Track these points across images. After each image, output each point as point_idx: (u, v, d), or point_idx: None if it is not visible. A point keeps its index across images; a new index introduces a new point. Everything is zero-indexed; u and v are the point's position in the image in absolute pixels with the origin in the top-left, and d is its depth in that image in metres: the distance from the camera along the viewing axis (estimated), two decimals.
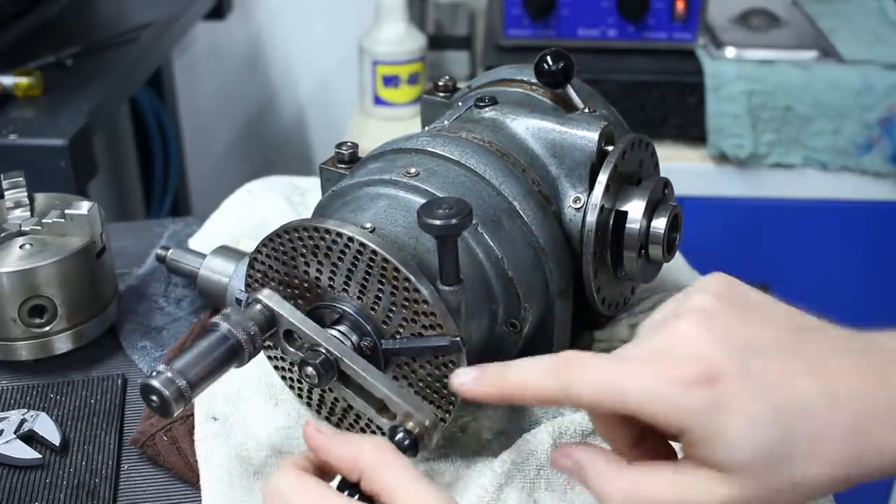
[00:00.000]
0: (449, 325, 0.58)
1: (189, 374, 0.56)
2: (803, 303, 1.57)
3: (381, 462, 0.50)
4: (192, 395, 0.56)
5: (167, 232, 1.00)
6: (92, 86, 1.33)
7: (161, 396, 0.55)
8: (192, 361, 0.57)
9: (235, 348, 0.58)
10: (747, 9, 1.70)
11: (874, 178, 1.53)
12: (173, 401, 0.55)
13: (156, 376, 0.55)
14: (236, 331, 0.58)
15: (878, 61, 1.53)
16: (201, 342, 0.58)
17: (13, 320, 0.76)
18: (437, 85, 0.81)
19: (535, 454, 0.64)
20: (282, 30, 2.14)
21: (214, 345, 0.58)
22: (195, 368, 0.57)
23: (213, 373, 0.58)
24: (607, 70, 1.53)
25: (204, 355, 0.57)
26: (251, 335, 0.59)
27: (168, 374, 0.55)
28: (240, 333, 0.58)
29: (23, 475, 0.68)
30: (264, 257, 0.64)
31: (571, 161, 0.70)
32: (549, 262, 0.67)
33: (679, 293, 0.51)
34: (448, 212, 0.56)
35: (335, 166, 0.73)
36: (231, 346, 0.58)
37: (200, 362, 0.57)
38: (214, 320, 0.59)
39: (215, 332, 0.58)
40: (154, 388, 0.55)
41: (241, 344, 0.58)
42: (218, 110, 2.24)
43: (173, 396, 0.55)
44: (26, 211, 0.81)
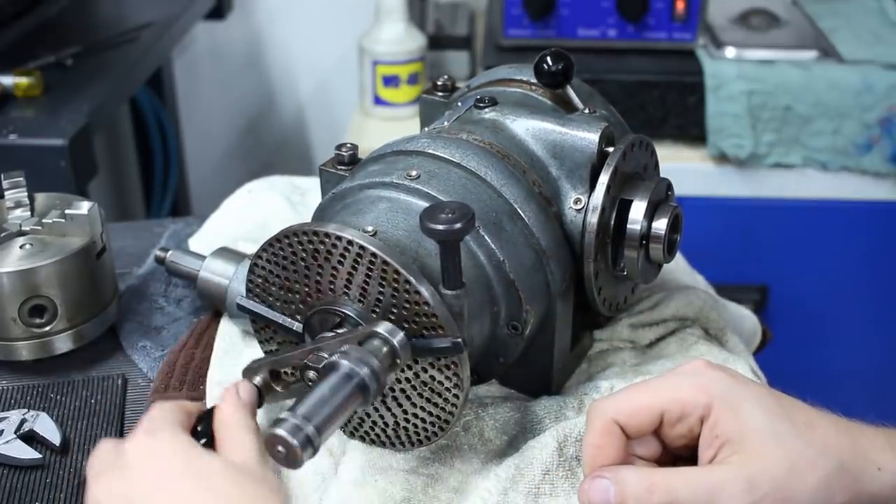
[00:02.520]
0: (451, 328, 0.58)
1: (315, 418, 0.53)
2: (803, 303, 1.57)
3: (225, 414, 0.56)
4: (321, 440, 0.53)
5: (167, 232, 1.00)
6: (92, 86, 1.33)
7: (288, 445, 0.51)
8: (317, 404, 0.54)
9: (361, 386, 0.55)
10: (747, 9, 1.70)
11: (874, 178, 1.53)
12: (301, 449, 0.52)
13: (280, 424, 0.52)
14: (359, 368, 0.55)
15: (878, 61, 1.53)
16: (322, 384, 0.55)
17: (13, 320, 0.76)
18: (436, 84, 0.81)
19: (539, 459, 0.64)
20: (282, 30, 2.14)
21: (338, 385, 0.55)
22: (321, 411, 0.53)
23: (339, 414, 0.54)
24: (607, 70, 1.53)
25: (329, 397, 0.54)
26: (374, 370, 0.56)
27: (293, 420, 0.52)
28: (363, 370, 0.55)
29: (23, 475, 0.68)
30: (265, 262, 0.64)
31: (572, 162, 0.70)
32: (550, 264, 0.67)
33: None
34: (451, 216, 0.56)
35: (335, 168, 0.72)
36: (357, 385, 0.55)
37: (326, 404, 0.54)
38: (333, 359, 0.56)
39: (336, 371, 0.55)
40: (280, 437, 0.51)
41: (365, 381, 0.55)
42: (218, 110, 2.24)
43: (301, 444, 0.52)
44: (26, 211, 0.81)
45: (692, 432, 0.56)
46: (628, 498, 0.54)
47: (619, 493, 0.54)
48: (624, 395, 0.58)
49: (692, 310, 0.80)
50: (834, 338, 1.65)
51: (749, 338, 0.86)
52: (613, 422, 0.57)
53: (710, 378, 0.56)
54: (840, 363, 1.65)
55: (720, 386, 0.55)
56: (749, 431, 0.54)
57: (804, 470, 0.53)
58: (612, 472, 0.55)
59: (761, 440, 0.53)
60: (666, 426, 0.57)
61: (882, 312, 1.64)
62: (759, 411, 0.54)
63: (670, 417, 0.56)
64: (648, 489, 0.53)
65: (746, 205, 1.56)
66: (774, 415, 0.54)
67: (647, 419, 0.56)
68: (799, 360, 1.60)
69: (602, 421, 0.57)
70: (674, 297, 0.81)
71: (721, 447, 0.54)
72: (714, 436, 0.54)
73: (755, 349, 0.87)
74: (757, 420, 0.54)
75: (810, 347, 1.64)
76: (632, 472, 0.55)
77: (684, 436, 0.57)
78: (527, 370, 0.72)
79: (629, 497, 0.54)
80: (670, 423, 0.56)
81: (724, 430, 0.54)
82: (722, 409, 0.54)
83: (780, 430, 0.54)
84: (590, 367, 0.77)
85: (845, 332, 1.65)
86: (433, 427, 0.64)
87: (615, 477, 0.54)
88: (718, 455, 0.54)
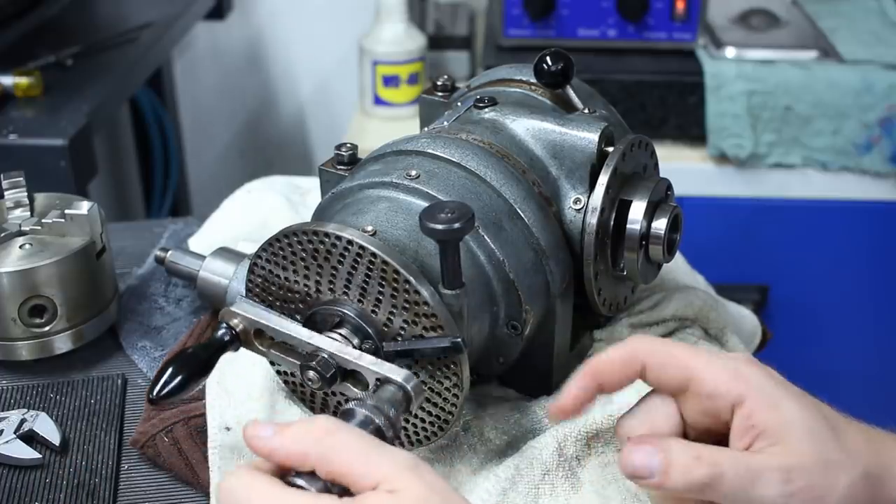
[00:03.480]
0: (450, 328, 0.58)
1: None
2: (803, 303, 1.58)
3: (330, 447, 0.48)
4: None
5: (167, 232, 1.00)
6: (92, 86, 1.33)
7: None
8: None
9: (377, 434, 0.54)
10: (747, 9, 1.70)
11: (874, 178, 1.53)
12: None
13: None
14: (375, 416, 0.55)
15: (878, 61, 1.53)
16: None
17: (13, 320, 0.76)
18: (436, 84, 0.81)
19: (539, 459, 0.64)
20: (282, 30, 2.14)
21: None
22: None
23: None
24: (607, 70, 1.53)
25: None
26: (390, 418, 0.55)
27: None
28: (379, 418, 0.55)
29: (23, 475, 0.68)
30: (264, 262, 0.64)
31: (571, 162, 0.70)
32: (549, 264, 0.67)
33: None
34: (450, 216, 0.56)
35: (334, 168, 0.72)
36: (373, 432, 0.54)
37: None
38: (350, 407, 0.55)
39: (353, 418, 0.55)
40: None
41: (381, 429, 0.55)
42: (218, 110, 2.24)
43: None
44: (26, 211, 0.81)
45: (719, 416, 0.55)
46: (674, 464, 0.53)
47: (665, 459, 0.53)
48: (665, 343, 0.57)
49: (692, 310, 0.80)
50: (834, 338, 1.65)
51: (749, 338, 0.86)
52: (639, 358, 0.56)
53: (750, 369, 0.56)
54: (840, 363, 1.66)
55: (759, 379, 0.55)
56: (787, 425, 0.53)
57: (836, 471, 0.53)
58: (657, 439, 0.54)
59: (799, 436, 0.53)
60: (690, 396, 0.56)
61: (882, 312, 1.64)
62: (797, 407, 0.54)
63: (697, 388, 0.55)
64: (696, 458, 0.53)
65: (746, 205, 1.56)
66: (811, 413, 0.54)
67: (673, 376, 0.56)
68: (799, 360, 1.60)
69: (631, 349, 0.56)
70: (673, 297, 0.81)
71: (757, 437, 0.54)
72: (749, 426, 0.54)
73: (755, 349, 0.87)
74: (795, 415, 0.54)
75: (810, 347, 1.64)
76: (677, 441, 0.55)
77: (709, 415, 0.56)
78: (526, 370, 0.72)
79: (675, 464, 0.53)
80: (695, 395, 0.55)
81: (761, 420, 0.54)
82: (759, 401, 0.54)
83: (816, 428, 0.54)
84: None
85: (845, 332, 1.65)
86: (433, 427, 0.64)
87: (662, 444, 0.54)
88: (754, 445, 0.54)
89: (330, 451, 0.48)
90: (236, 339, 0.63)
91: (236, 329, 0.63)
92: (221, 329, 0.63)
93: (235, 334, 0.63)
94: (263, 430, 0.50)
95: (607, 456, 0.66)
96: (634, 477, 0.54)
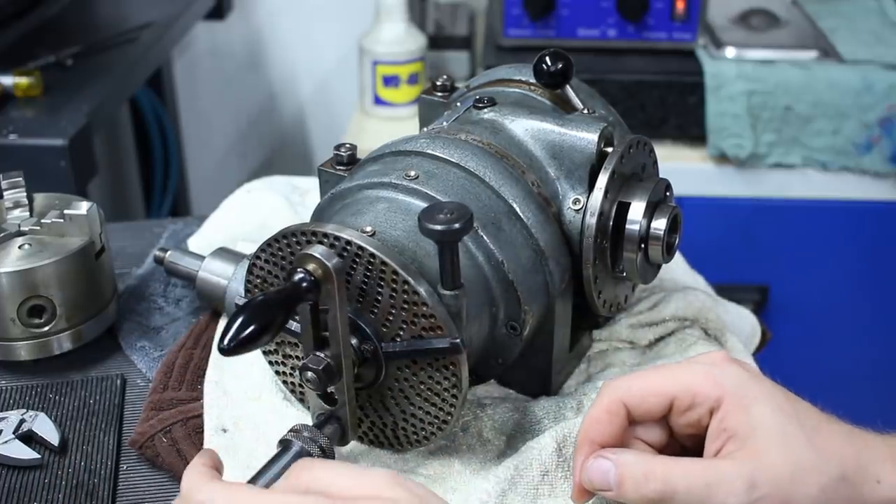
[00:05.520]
0: (449, 328, 0.58)
1: None
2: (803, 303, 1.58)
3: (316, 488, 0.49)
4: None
5: (166, 232, 1.00)
6: (92, 86, 1.33)
7: None
8: (271, 480, 0.57)
9: None
10: (747, 9, 1.70)
11: (874, 178, 1.53)
12: None
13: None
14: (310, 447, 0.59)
15: (878, 61, 1.53)
16: (278, 461, 0.58)
17: (12, 320, 0.76)
18: (435, 85, 0.81)
19: (538, 460, 0.64)
20: (282, 30, 2.14)
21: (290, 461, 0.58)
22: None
23: None
24: (607, 70, 1.53)
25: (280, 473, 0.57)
26: (323, 448, 0.59)
27: None
28: (314, 449, 0.59)
29: (21, 475, 0.68)
30: (263, 262, 0.64)
31: (571, 162, 0.70)
32: (548, 264, 0.67)
33: None
34: (449, 217, 0.56)
35: (334, 168, 0.72)
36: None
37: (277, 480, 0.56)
38: (287, 437, 0.59)
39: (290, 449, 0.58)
40: None
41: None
42: (218, 110, 2.24)
43: None
44: (25, 211, 0.81)
45: (701, 423, 0.56)
46: (626, 481, 0.54)
47: (619, 475, 0.54)
48: (637, 378, 0.58)
49: (691, 310, 0.80)
50: (834, 338, 1.65)
51: (749, 338, 0.86)
52: (621, 402, 0.57)
53: (725, 371, 0.56)
54: (840, 363, 1.65)
55: (734, 380, 0.56)
56: (757, 428, 0.54)
57: (807, 475, 0.52)
58: (614, 453, 0.55)
59: (768, 439, 0.53)
60: (675, 414, 0.57)
61: (882, 312, 1.64)
62: (769, 410, 0.54)
63: (680, 405, 0.56)
64: (646, 475, 0.53)
65: (746, 205, 1.56)
66: (784, 415, 0.54)
67: (656, 404, 0.57)
68: (799, 360, 1.60)
69: (610, 399, 0.57)
70: (673, 297, 0.81)
71: (727, 441, 0.54)
72: (722, 429, 0.55)
73: (755, 349, 0.87)
74: (766, 418, 0.54)
75: (810, 347, 1.64)
76: (633, 456, 0.55)
77: (692, 426, 0.57)
78: (526, 370, 0.72)
79: (627, 480, 0.54)
80: (679, 411, 0.57)
81: (732, 424, 0.54)
82: (732, 404, 0.55)
83: (788, 431, 0.54)
84: (589, 368, 0.77)
85: (845, 332, 1.65)
86: (431, 427, 0.63)
87: (617, 459, 0.55)
88: (724, 449, 0.54)
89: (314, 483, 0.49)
90: (315, 288, 0.57)
91: (315, 275, 0.57)
92: (298, 274, 0.57)
93: (314, 281, 0.57)
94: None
95: None
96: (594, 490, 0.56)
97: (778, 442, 0.53)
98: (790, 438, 0.53)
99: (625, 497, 0.54)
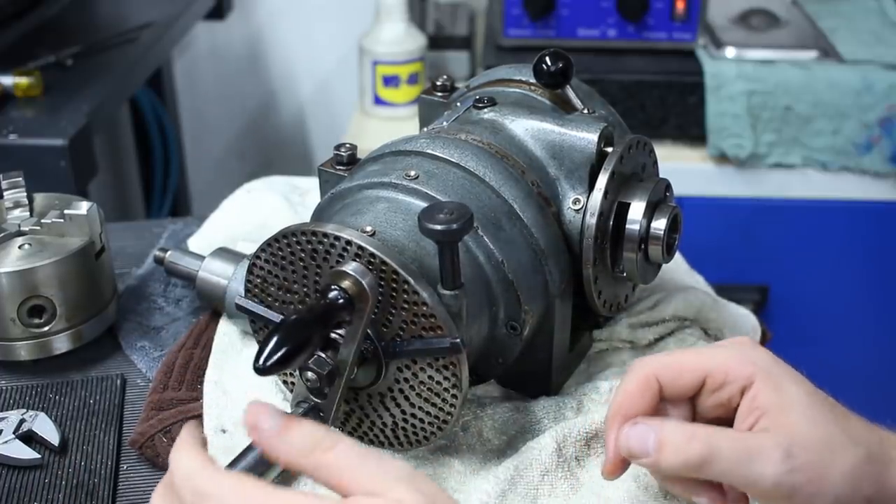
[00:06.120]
0: (450, 328, 0.58)
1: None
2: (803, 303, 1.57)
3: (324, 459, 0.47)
4: None
5: (166, 232, 1.00)
6: (92, 86, 1.33)
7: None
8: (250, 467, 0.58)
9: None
10: (747, 9, 1.70)
11: (874, 178, 1.53)
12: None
13: None
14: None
15: (878, 61, 1.53)
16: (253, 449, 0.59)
17: (12, 320, 0.76)
18: (435, 85, 0.81)
19: (538, 460, 0.64)
20: (282, 30, 2.14)
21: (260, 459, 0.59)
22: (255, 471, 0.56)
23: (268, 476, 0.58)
24: (607, 70, 1.53)
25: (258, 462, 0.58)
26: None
27: None
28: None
29: (22, 475, 0.68)
30: (263, 262, 0.64)
31: (571, 162, 0.70)
32: (548, 264, 0.67)
33: None
34: (449, 217, 0.56)
35: (334, 168, 0.72)
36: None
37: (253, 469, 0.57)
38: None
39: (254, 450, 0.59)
40: None
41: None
42: (218, 110, 2.24)
43: None
44: (25, 211, 0.81)
45: (730, 403, 0.56)
46: (667, 445, 0.53)
47: (659, 439, 0.53)
48: (670, 355, 0.58)
49: (691, 310, 0.80)
50: (834, 338, 1.65)
51: None
52: (654, 377, 0.57)
53: (755, 352, 0.57)
54: (840, 363, 1.65)
55: (765, 360, 0.56)
56: (789, 406, 0.54)
57: (837, 453, 0.53)
58: (652, 420, 0.55)
59: (800, 416, 0.54)
60: (705, 393, 0.57)
61: (882, 312, 1.64)
62: (800, 389, 0.55)
63: (712, 383, 0.56)
64: (688, 438, 0.53)
65: (746, 205, 1.56)
66: (813, 396, 0.55)
67: (689, 381, 0.57)
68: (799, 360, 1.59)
69: (644, 373, 0.57)
70: (673, 297, 0.81)
71: (760, 418, 0.54)
72: (754, 406, 0.55)
73: None
74: (798, 396, 0.55)
75: (810, 347, 1.64)
76: (672, 422, 0.55)
77: (722, 405, 0.57)
78: (526, 370, 0.72)
79: (668, 444, 0.53)
80: (710, 390, 0.57)
81: (765, 401, 0.55)
82: (764, 382, 0.55)
83: (819, 410, 0.54)
84: (589, 368, 0.77)
85: (845, 332, 1.65)
86: (431, 427, 0.63)
87: (655, 424, 0.54)
88: (758, 424, 0.54)
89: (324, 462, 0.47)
90: (349, 305, 0.57)
91: (349, 292, 0.57)
92: (332, 292, 0.57)
93: (349, 298, 0.57)
94: (266, 422, 0.49)
95: None
96: (631, 456, 0.55)
97: (811, 418, 0.54)
98: (821, 417, 0.54)
99: (664, 462, 0.54)
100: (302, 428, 0.48)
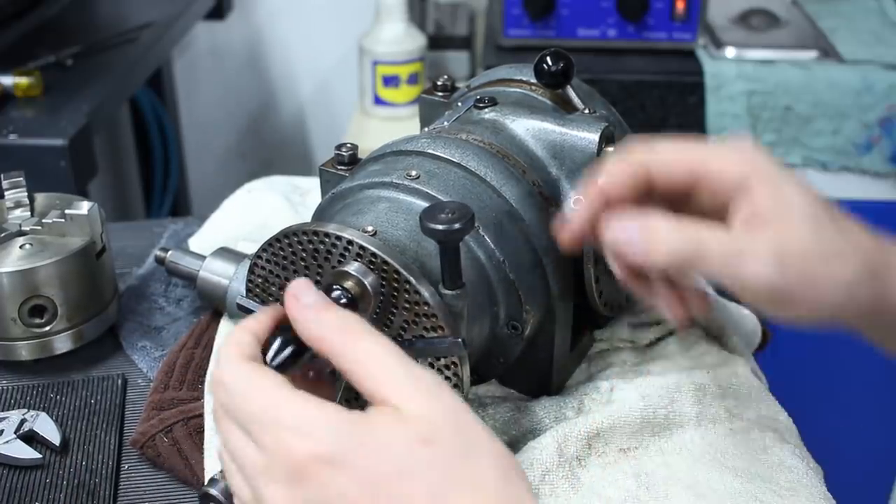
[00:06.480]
0: (451, 328, 0.58)
1: None
2: None
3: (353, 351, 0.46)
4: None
5: (167, 232, 1.00)
6: (92, 86, 1.33)
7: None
8: None
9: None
10: (747, 9, 1.70)
11: (874, 178, 1.53)
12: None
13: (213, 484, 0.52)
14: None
15: (878, 61, 1.53)
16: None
17: (13, 320, 0.76)
18: (436, 84, 0.81)
19: (539, 460, 0.64)
20: (282, 30, 2.15)
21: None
22: None
23: None
24: (607, 70, 1.53)
25: None
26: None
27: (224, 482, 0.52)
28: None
29: (23, 475, 0.68)
30: (264, 262, 0.64)
31: (572, 162, 0.70)
32: (549, 264, 0.67)
33: None
34: (450, 216, 0.55)
35: (335, 168, 0.72)
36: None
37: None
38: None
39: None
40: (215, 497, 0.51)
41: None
42: (218, 110, 2.24)
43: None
44: (26, 211, 0.81)
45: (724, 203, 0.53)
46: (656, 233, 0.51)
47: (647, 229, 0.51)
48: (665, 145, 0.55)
49: None
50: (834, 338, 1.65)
51: (749, 338, 0.86)
52: (645, 163, 0.54)
53: (755, 152, 0.53)
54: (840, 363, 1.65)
55: (765, 160, 0.53)
56: (787, 208, 0.51)
57: (834, 259, 0.51)
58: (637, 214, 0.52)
59: (798, 219, 0.51)
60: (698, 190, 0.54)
61: None
62: (799, 191, 0.52)
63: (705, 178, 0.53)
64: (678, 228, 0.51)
65: None
66: (813, 199, 0.52)
67: (681, 175, 0.54)
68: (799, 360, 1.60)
69: (633, 157, 0.54)
70: None
71: (755, 217, 0.52)
72: (749, 207, 0.52)
73: (755, 349, 0.87)
74: (797, 199, 0.52)
75: (810, 347, 1.64)
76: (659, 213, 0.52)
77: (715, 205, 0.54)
78: (526, 370, 0.72)
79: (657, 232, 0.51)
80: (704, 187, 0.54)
81: (762, 202, 0.52)
82: (762, 182, 0.52)
83: (818, 214, 0.51)
84: (590, 367, 0.77)
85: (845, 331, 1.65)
86: None
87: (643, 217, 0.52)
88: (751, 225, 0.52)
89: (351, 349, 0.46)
90: (352, 304, 0.57)
91: (352, 292, 0.57)
92: (335, 292, 0.56)
93: (351, 297, 0.57)
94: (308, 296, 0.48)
95: (608, 456, 0.66)
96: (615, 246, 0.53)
97: (808, 222, 0.51)
98: (820, 221, 0.51)
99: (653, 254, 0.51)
100: (340, 311, 0.48)
